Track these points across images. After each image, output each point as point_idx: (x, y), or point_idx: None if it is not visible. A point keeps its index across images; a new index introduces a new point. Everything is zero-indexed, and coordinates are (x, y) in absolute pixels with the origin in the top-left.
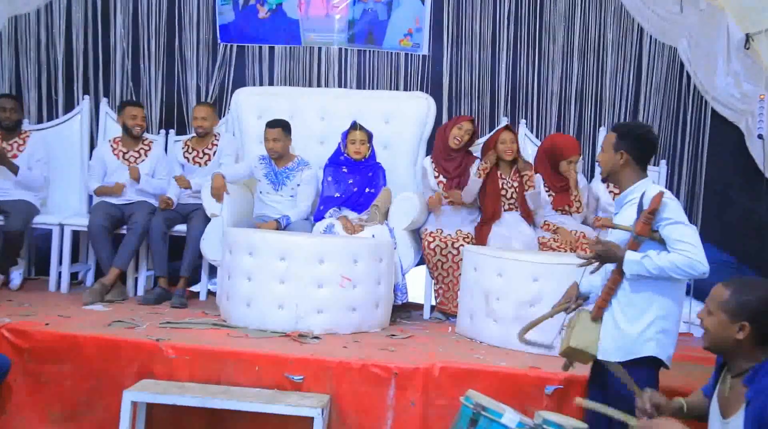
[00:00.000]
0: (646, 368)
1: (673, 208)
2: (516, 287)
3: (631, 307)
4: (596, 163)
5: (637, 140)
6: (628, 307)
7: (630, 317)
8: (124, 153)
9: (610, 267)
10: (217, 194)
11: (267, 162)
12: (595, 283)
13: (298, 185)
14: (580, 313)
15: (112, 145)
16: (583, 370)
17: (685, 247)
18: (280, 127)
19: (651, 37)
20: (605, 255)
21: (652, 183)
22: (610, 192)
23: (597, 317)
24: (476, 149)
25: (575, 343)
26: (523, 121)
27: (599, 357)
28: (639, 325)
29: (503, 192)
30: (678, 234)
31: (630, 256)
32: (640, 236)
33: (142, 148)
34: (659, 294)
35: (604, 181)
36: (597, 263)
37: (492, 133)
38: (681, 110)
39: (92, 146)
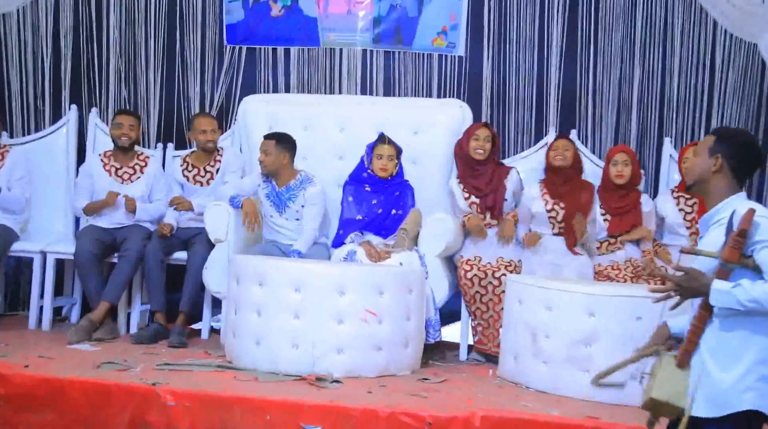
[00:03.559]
0: (746, 425)
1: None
2: (568, 323)
3: (724, 350)
4: (684, 171)
5: (738, 146)
6: (719, 351)
7: (722, 363)
8: (117, 169)
9: (697, 301)
10: (251, 223)
11: (269, 182)
12: (685, 321)
13: (303, 206)
14: (664, 358)
15: (102, 160)
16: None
17: None
18: (273, 139)
19: (726, 32)
20: (688, 286)
21: (745, 199)
22: (680, 210)
23: (683, 363)
24: (521, 161)
25: (658, 394)
26: (573, 131)
27: (693, 412)
28: (734, 373)
29: (553, 213)
30: None
31: (718, 285)
32: (728, 263)
33: (137, 164)
34: (758, 333)
35: (689, 189)
36: (677, 298)
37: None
38: (762, 117)
39: (80, 163)
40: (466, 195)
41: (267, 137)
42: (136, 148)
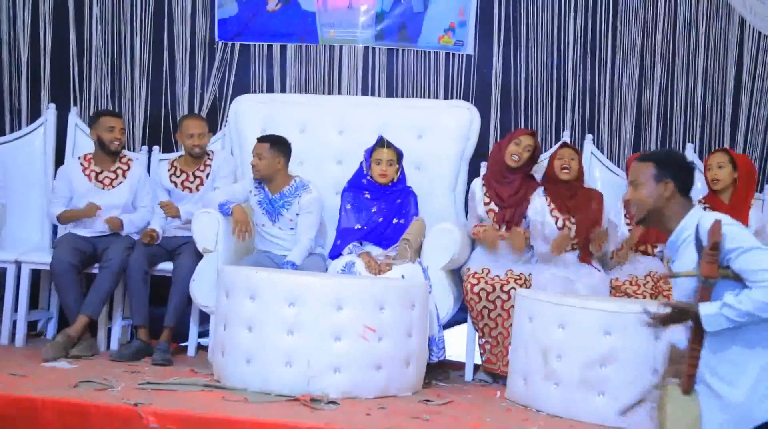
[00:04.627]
0: None
1: (738, 235)
2: (582, 342)
3: (725, 366)
4: (623, 206)
5: (681, 166)
6: (720, 368)
7: (728, 378)
8: (98, 173)
9: None
10: (241, 232)
11: (261, 188)
12: None
13: (297, 215)
14: (668, 388)
15: (82, 164)
16: None
17: (766, 275)
18: (268, 142)
19: (754, 30)
20: (676, 319)
21: (701, 210)
22: None
23: (689, 389)
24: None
25: (674, 428)
26: (589, 136)
27: None
28: (744, 386)
29: (564, 231)
30: (754, 263)
31: (705, 309)
32: (709, 279)
33: (119, 168)
34: (755, 339)
35: (641, 222)
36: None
37: (550, 152)
38: None
39: (59, 166)
40: (487, 200)
41: (261, 140)
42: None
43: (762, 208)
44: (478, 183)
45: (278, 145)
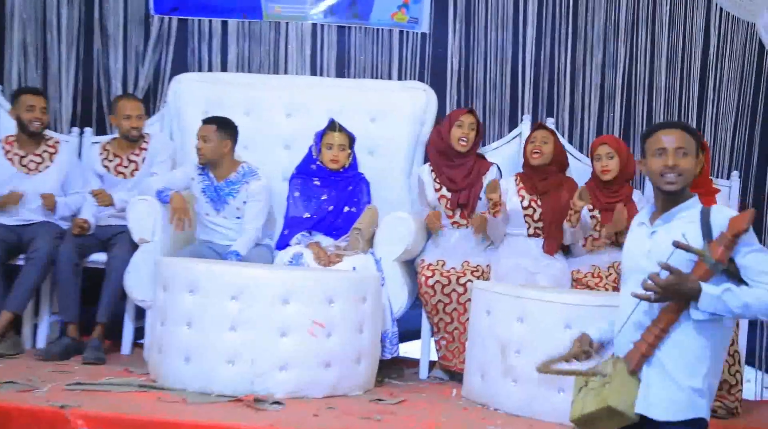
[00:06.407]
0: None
1: (753, 233)
2: (542, 337)
3: (688, 354)
4: (664, 170)
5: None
6: (684, 355)
7: (688, 368)
8: (22, 157)
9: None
10: (179, 221)
11: (206, 174)
12: (605, 327)
13: (245, 203)
14: (618, 364)
15: (4, 147)
16: None
17: None
18: (214, 124)
19: (721, 10)
20: (677, 289)
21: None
22: None
23: (638, 369)
24: (492, 152)
25: (617, 403)
26: (550, 119)
27: (650, 415)
28: (696, 379)
29: (529, 211)
30: (764, 263)
31: (708, 289)
32: (719, 263)
33: (45, 151)
34: (717, 342)
35: (674, 193)
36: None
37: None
38: (760, 105)
39: None
40: (437, 186)
41: (206, 122)
42: (46, 132)
43: (729, 195)
44: (425, 169)
45: (225, 127)
